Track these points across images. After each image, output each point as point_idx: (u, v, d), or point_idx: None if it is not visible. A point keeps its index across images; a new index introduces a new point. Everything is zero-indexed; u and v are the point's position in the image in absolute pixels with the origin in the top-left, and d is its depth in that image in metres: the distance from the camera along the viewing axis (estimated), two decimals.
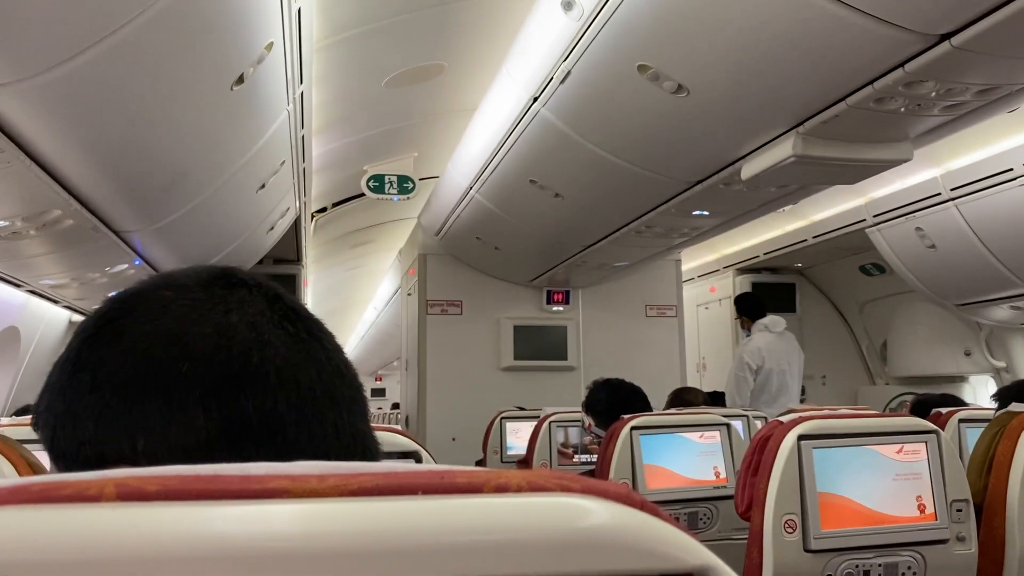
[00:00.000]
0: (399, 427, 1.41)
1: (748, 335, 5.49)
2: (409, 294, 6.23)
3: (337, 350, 0.46)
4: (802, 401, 5.78)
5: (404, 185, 5.06)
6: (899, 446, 1.72)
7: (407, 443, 1.33)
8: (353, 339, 16.00)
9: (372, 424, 0.50)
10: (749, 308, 5.58)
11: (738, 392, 5.22)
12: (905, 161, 2.69)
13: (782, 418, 1.77)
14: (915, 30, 1.88)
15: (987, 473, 1.74)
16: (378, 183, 5.05)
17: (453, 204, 4.67)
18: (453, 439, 5.48)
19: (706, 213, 3.64)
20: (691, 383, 6.92)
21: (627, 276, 5.90)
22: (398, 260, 7.20)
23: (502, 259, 5.37)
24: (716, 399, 4.69)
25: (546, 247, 4.76)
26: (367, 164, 5.00)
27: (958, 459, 1.69)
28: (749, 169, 2.79)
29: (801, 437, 1.66)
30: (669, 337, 6.09)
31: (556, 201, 3.75)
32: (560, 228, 4.29)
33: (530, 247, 4.85)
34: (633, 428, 2.31)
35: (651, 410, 2.76)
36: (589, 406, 2.80)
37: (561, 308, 5.89)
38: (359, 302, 11.53)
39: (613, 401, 2.72)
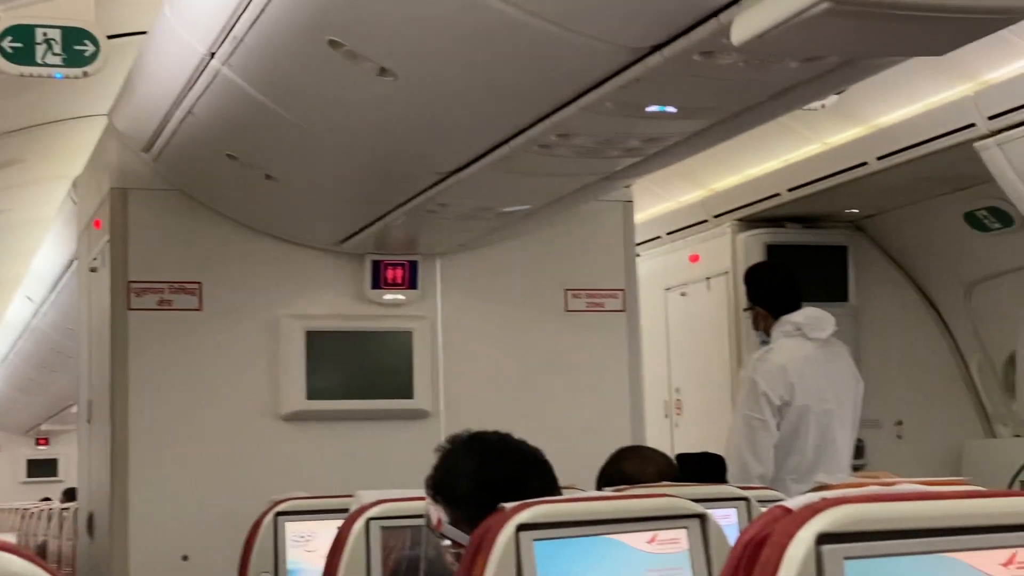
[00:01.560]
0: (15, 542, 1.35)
1: (766, 342, 5.64)
2: (93, 269, 6.22)
3: None
4: (858, 468, 5.97)
5: (76, 48, 5.02)
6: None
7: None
8: None
9: None
10: (768, 293, 5.73)
11: (752, 449, 5.37)
12: None
13: (797, 501, 1.79)
14: None
15: None
16: (22, 43, 4.99)
17: (178, 89, 4.69)
18: (185, 558, 5.57)
19: (671, 110, 3.73)
20: (654, 437, 7.07)
21: (529, 235, 6.00)
22: (72, 201, 7.14)
23: (281, 199, 5.43)
24: (700, 467, 4.81)
25: (367, 176, 4.84)
26: None
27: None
28: (746, 24, 2.84)
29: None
30: (611, 350, 6.23)
31: (383, 83, 3.83)
32: (394, 137, 4.38)
33: (336, 176, 4.93)
34: (521, 528, 2.33)
35: (557, 491, 2.86)
36: (439, 486, 2.90)
37: (400, 296, 5.98)
38: None
39: (485, 476, 2.82)
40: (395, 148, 4.49)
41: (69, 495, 11.39)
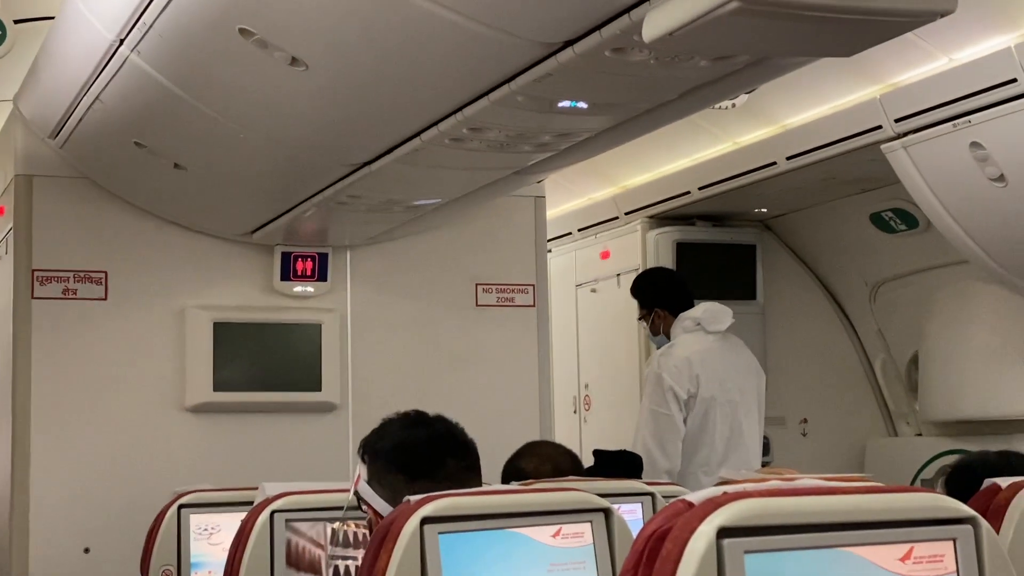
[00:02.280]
0: None
1: (666, 341, 5.67)
2: None
3: None
4: (763, 464, 6.03)
5: None
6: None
7: None
8: None
9: None
10: (662, 292, 5.78)
11: (659, 444, 5.41)
12: (946, 13, 2.82)
13: (699, 495, 1.79)
14: None
15: None
16: None
17: (86, 76, 4.64)
18: (86, 551, 5.52)
19: (582, 105, 3.74)
20: (562, 432, 7.09)
21: (440, 229, 6.01)
22: None
23: (190, 189, 5.38)
24: (607, 464, 4.82)
25: (278, 167, 4.82)
26: None
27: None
28: (656, 22, 2.85)
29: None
30: (520, 345, 6.26)
31: (294, 73, 3.81)
32: (305, 128, 4.37)
33: (246, 166, 4.90)
34: (426, 521, 2.33)
35: (477, 480, 2.92)
36: (367, 444, 2.97)
37: (310, 289, 5.97)
38: None
39: (407, 436, 2.91)
40: (306, 139, 4.46)
41: None
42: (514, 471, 4.13)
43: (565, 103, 3.72)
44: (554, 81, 3.47)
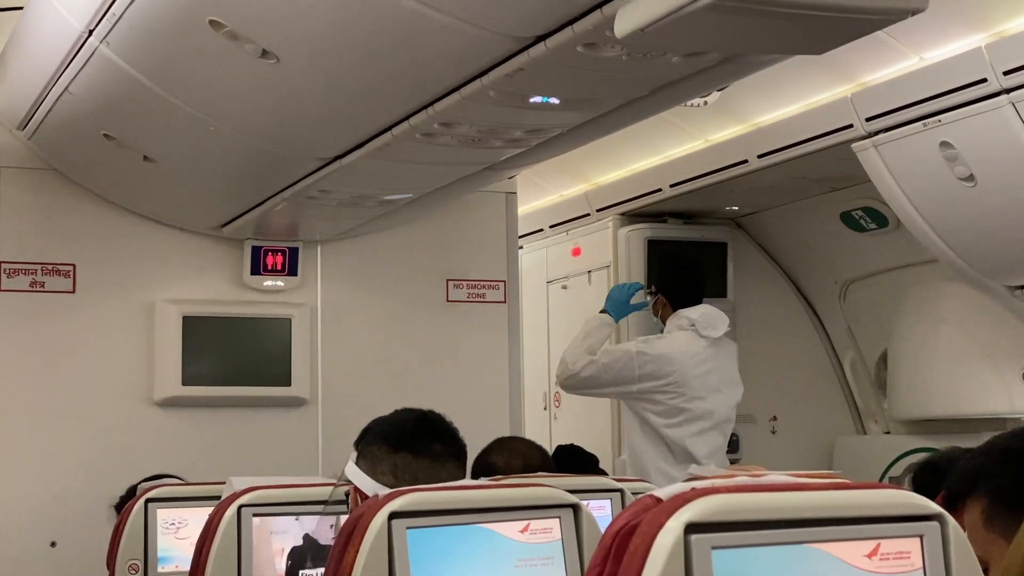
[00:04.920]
0: None
1: (661, 327, 5.75)
2: None
3: None
4: (733, 462, 6.05)
5: None
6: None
7: None
8: None
9: None
10: (671, 284, 5.81)
11: (604, 361, 5.57)
12: (917, 12, 2.83)
13: (667, 491, 1.79)
14: None
15: None
16: None
17: (55, 67, 4.64)
18: (53, 544, 5.52)
19: (554, 101, 3.74)
20: (532, 428, 7.09)
21: (411, 224, 6.02)
22: None
23: (159, 181, 5.38)
24: (576, 459, 4.83)
25: (249, 160, 4.82)
26: None
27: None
28: (629, 18, 2.86)
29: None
30: (491, 341, 6.28)
31: (265, 66, 3.81)
32: (275, 121, 4.38)
33: (215, 159, 4.90)
34: (394, 516, 2.32)
35: (461, 473, 2.95)
36: (362, 432, 2.96)
37: (280, 283, 5.96)
38: None
39: (398, 420, 2.93)
40: (277, 133, 4.45)
41: None
42: (485, 466, 4.12)
43: (537, 98, 3.74)
44: (526, 76, 3.48)
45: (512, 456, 4.17)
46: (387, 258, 6.13)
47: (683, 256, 6.59)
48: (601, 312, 5.85)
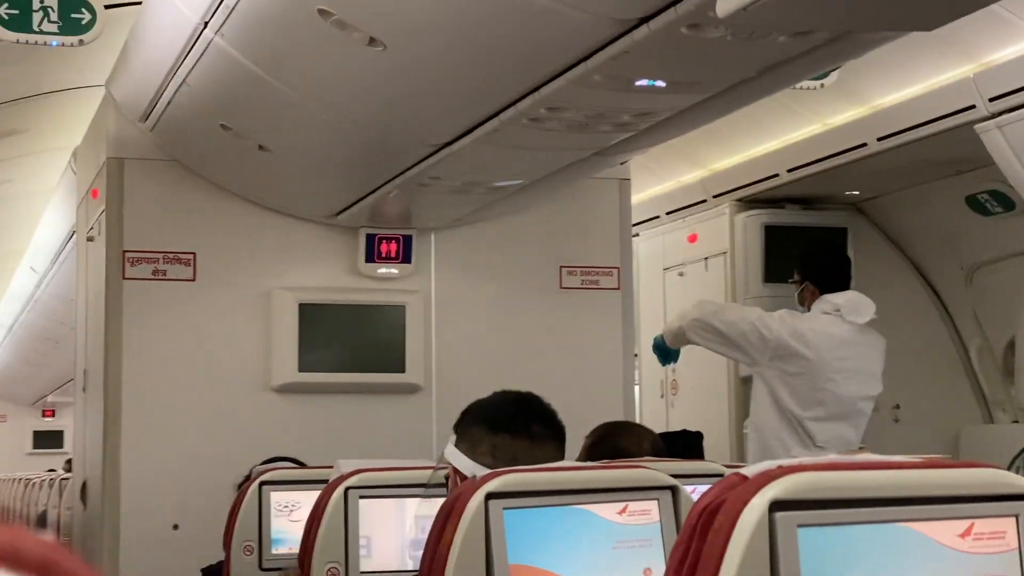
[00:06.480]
0: None
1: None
2: (91, 239, 6.24)
3: None
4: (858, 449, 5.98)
5: (73, 16, 5.06)
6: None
7: None
8: None
9: None
10: (823, 269, 5.75)
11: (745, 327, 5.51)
12: None
13: (754, 468, 1.78)
14: None
15: None
16: (19, 9, 5.03)
17: (173, 59, 4.71)
18: (175, 527, 5.63)
19: (660, 84, 3.74)
20: (650, 417, 7.07)
21: (525, 212, 6.03)
22: (72, 171, 7.16)
23: (274, 170, 5.46)
24: (680, 445, 4.81)
25: (359, 148, 4.86)
26: None
27: None
28: None
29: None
30: (605, 328, 6.25)
31: (373, 54, 3.85)
32: (384, 108, 4.40)
33: (328, 148, 4.94)
34: (491, 496, 2.33)
35: (560, 454, 2.91)
36: (460, 416, 2.95)
37: (394, 271, 6.00)
38: (2, 257, 11.38)
39: (496, 400, 2.93)
40: (386, 120, 4.49)
41: (71, 465, 11.44)
42: (612, 449, 4.08)
43: (643, 82, 3.73)
44: (630, 59, 3.48)
45: (641, 439, 4.14)
46: (501, 245, 6.14)
47: (829, 242, 6.52)
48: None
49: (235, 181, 5.76)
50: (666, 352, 5.89)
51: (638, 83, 3.73)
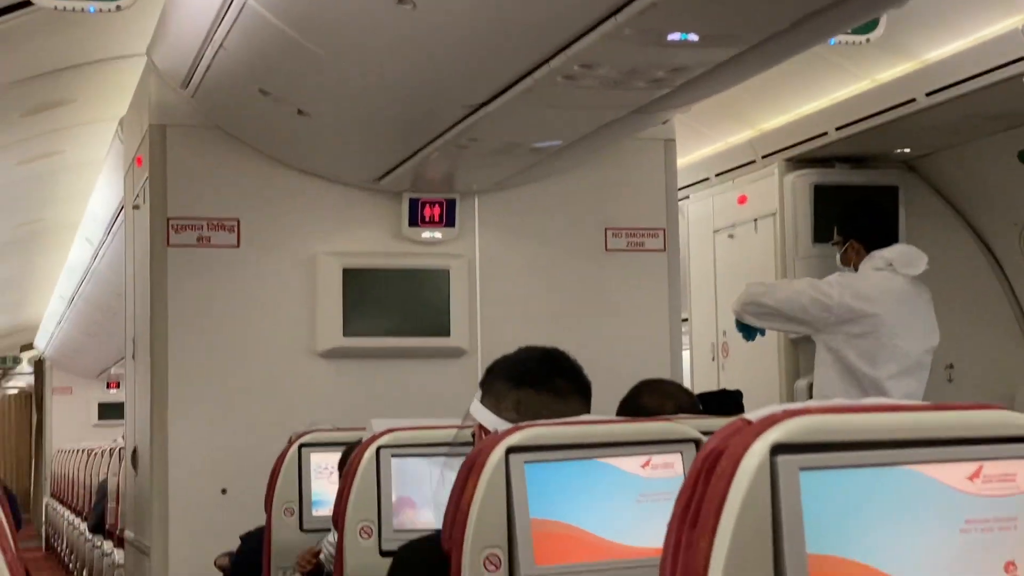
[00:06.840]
0: None
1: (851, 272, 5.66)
2: (137, 207, 6.29)
3: None
4: None
5: None
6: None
7: None
8: (56, 308, 15.85)
9: None
10: (865, 226, 5.68)
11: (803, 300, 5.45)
12: None
13: (758, 413, 1.75)
14: None
15: None
16: None
17: (209, 23, 4.72)
18: (223, 491, 5.68)
19: (692, 38, 3.71)
20: (701, 379, 7.03)
21: (568, 174, 5.99)
22: (119, 140, 7.18)
23: (314, 135, 5.46)
24: (719, 404, 4.77)
25: (396, 110, 4.86)
26: None
27: None
28: None
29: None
30: (651, 290, 6.23)
31: (403, 12, 3.83)
32: (418, 68, 4.40)
33: (365, 110, 4.94)
34: (512, 451, 2.32)
35: (585, 407, 2.87)
36: (487, 371, 2.93)
37: (438, 235, 6.00)
38: (56, 229, 11.46)
39: (521, 356, 2.89)
40: (420, 80, 4.48)
41: None
42: (635, 408, 4.07)
43: (675, 35, 3.71)
44: (659, 12, 3.45)
45: (665, 398, 4.10)
46: (545, 208, 6.12)
47: (862, 199, 6.43)
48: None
49: (277, 146, 5.78)
50: (748, 329, 5.81)
51: (670, 37, 3.70)
